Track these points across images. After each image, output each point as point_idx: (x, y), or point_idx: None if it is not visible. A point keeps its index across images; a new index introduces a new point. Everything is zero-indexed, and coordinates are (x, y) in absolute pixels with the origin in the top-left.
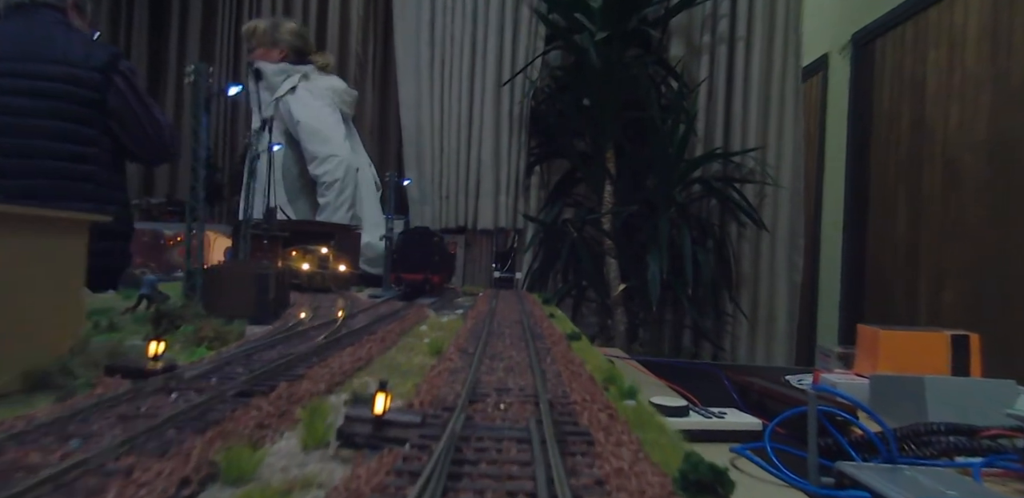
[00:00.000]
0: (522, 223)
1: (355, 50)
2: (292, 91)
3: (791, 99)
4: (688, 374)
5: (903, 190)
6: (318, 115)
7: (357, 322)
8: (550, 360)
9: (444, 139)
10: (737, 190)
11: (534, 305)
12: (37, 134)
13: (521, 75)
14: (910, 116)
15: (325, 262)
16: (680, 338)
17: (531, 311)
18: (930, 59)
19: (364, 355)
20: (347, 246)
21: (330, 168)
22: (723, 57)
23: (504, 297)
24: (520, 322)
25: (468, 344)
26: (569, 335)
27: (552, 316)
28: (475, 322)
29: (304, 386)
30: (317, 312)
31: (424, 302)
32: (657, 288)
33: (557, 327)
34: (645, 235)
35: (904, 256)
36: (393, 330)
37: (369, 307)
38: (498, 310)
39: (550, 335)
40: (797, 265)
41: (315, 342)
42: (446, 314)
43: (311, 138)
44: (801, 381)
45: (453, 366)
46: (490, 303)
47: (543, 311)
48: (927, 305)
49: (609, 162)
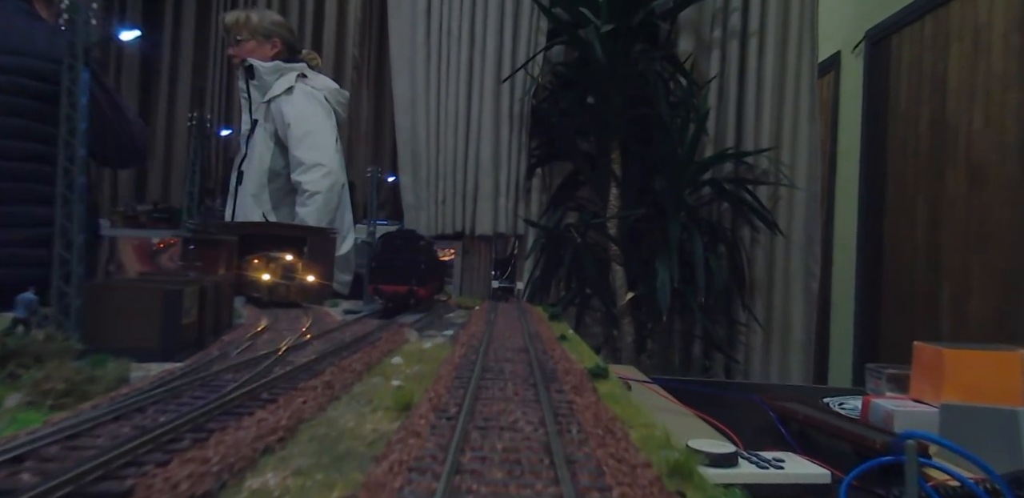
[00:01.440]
0: (523, 228)
1: (352, 53)
2: (288, 92)
3: (806, 97)
4: (716, 399)
5: (923, 194)
6: (312, 120)
7: (305, 353)
8: (576, 430)
9: (440, 140)
10: (750, 192)
11: (540, 323)
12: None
13: (522, 71)
14: (930, 116)
15: (291, 271)
16: (690, 349)
17: (537, 332)
18: (952, 55)
19: (284, 422)
20: (320, 252)
21: (314, 178)
22: (735, 53)
23: (504, 312)
24: (524, 350)
25: (450, 395)
26: (592, 372)
27: (563, 338)
28: (466, 350)
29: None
30: (261, 338)
31: (407, 320)
32: (667, 297)
33: (573, 357)
34: (653, 240)
35: (924, 264)
36: (352, 366)
37: (336, 328)
38: (496, 331)
39: (566, 373)
40: (813, 272)
41: (217, 396)
42: (431, 337)
43: (299, 143)
44: (842, 405)
45: (417, 451)
46: (487, 320)
47: (551, 331)
48: (951, 317)
49: (615, 163)
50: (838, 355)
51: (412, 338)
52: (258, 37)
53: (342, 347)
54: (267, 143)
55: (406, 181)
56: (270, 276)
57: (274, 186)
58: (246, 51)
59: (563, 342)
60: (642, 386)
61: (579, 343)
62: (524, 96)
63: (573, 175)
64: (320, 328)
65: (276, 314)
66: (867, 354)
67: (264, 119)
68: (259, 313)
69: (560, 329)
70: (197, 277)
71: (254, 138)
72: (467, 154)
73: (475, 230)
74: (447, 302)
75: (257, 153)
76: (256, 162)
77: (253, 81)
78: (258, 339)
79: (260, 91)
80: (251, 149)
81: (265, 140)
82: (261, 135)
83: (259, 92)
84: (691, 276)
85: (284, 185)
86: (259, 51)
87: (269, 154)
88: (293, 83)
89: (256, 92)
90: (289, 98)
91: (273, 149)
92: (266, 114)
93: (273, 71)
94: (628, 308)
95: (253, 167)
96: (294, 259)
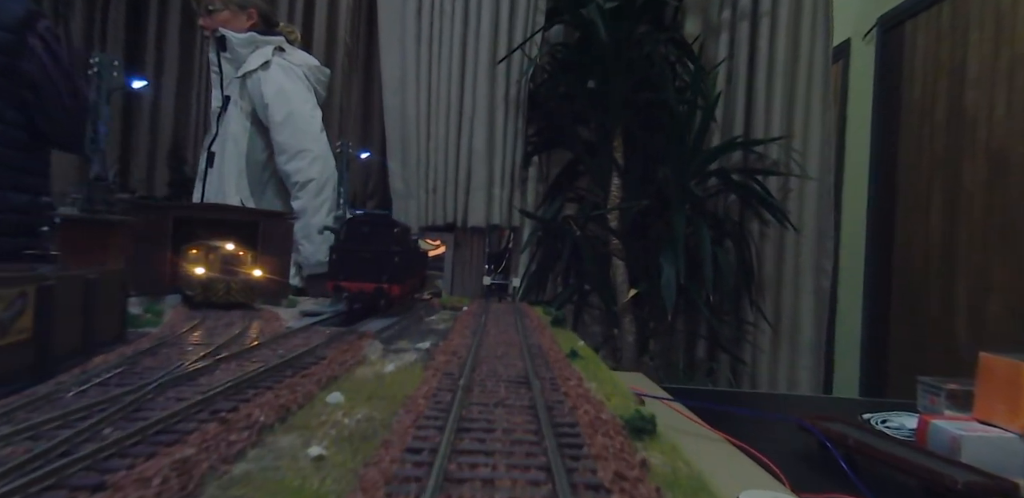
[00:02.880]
0: (518, 220)
1: (343, 39)
2: (265, 66)
3: (819, 82)
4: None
5: (939, 187)
6: (293, 99)
7: (195, 387)
8: None
9: (431, 124)
10: (760, 183)
11: (540, 331)
12: None
13: (519, 52)
14: (947, 105)
15: (233, 264)
16: (694, 349)
17: (539, 345)
18: (972, 41)
19: None
20: (275, 241)
21: (303, 165)
22: (744, 35)
23: (496, 315)
24: (524, 382)
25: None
26: (632, 425)
27: (575, 355)
28: (441, 380)
29: None
30: (146, 360)
31: (373, 327)
32: (673, 294)
33: (597, 396)
34: (657, 234)
35: (939, 262)
36: (255, 414)
37: (269, 341)
38: (486, 343)
39: (594, 429)
40: (825, 269)
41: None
42: (398, 353)
43: (282, 127)
44: (887, 424)
45: None
46: (475, 328)
47: (556, 345)
48: (968, 319)
49: (617, 151)
50: (843, 357)
51: (373, 355)
52: (232, 7)
53: (262, 373)
54: (242, 123)
55: (394, 167)
56: (204, 270)
57: (253, 171)
58: (219, 21)
59: (575, 361)
60: (659, 403)
61: (596, 364)
62: (521, 79)
63: (572, 164)
64: (245, 341)
65: (204, 319)
66: (875, 357)
67: (239, 96)
68: (184, 318)
69: (567, 340)
70: (42, 272)
71: (227, 117)
72: (460, 140)
73: (468, 221)
74: (430, 302)
75: (231, 134)
76: (231, 144)
77: (225, 53)
78: (140, 362)
79: (233, 65)
80: (223, 128)
81: (240, 119)
82: (235, 114)
83: (231, 66)
84: (697, 272)
85: (264, 170)
86: (233, 22)
87: (245, 136)
88: (270, 57)
89: (228, 65)
90: (266, 74)
91: (250, 130)
92: (240, 90)
93: (247, 43)
94: (630, 306)
95: (227, 150)
96: (238, 249)
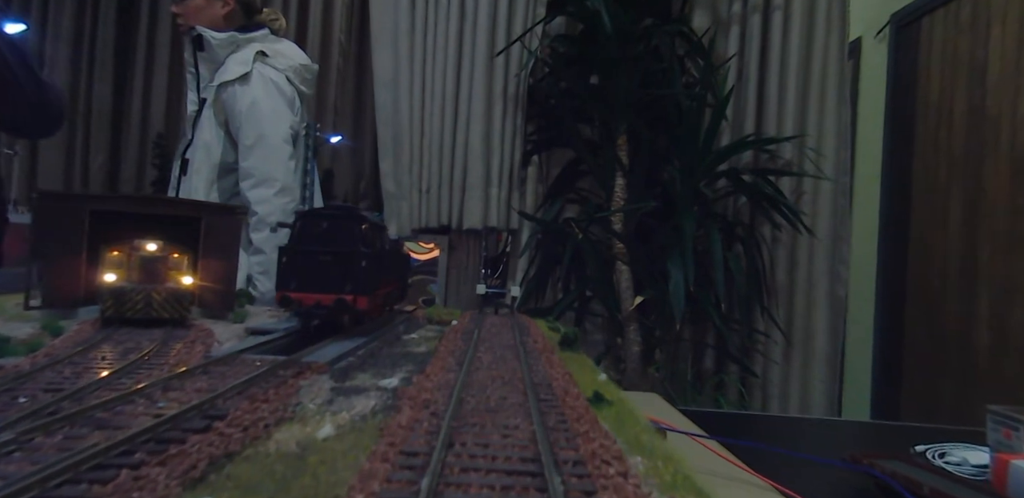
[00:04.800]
0: (516, 222)
1: (338, 39)
2: (244, 80)
3: (835, 78)
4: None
5: (957, 189)
6: (266, 121)
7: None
8: None
9: (425, 121)
10: (772, 184)
11: (547, 358)
12: None
13: (518, 45)
14: (967, 104)
15: (156, 270)
16: (702, 360)
17: (548, 383)
18: (993, 38)
19: None
20: (220, 242)
21: (267, 195)
22: (756, 29)
23: (492, 332)
24: (532, 465)
25: None
26: None
27: (599, 400)
28: (394, 466)
29: None
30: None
31: (327, 354)
32: (682, 301)
33: (639, 482)
34: (664, 237)
35: (958, 269)
36: None
37: (165, 380)
38: (475, 380)
39: None
40: (841, 275)
41: None
42: (351, 398)
43: (250, 151)
44: (945, 458)
45: None
46: (462, 356)
47: (572, 381)
48: (991, 329)
49: (621, 150)
50: (853, 367)
51: (311, 402)
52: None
53: (90, 457)
54: (215, 131)
55: (386, 167)
56: (117, 277)
57: (225, 183)
58: (192, 8)
59: (599, 408)
60: (689, 440)
61: (632, 416)
62: (520, 73)
63: (574, 163)
64: (124, 383)
65: (98, 343)
66: (888, 367)
67: (214, 101)
68: (74, 342)
69: (582, 369)
70: None
71: (201, 122)
72: (455, 138)
73: (463, 224)
74: (413, 314)
75: (204, 141)
76: (202, 152)
77: (202, 53)
78: None
79: (210, 67)
80: (198, 135)
81: (214, 127)
82: (209, 120)
83: (208, 68)
84: (705, 278)
85: (236, 183)
86: (208, 9)
87: (219, 145)
88: (250, 66)
89: (205, 67)
90: (243, 89)
91: (223, 139)
92: (215, 98)
93: (227, 43)
94: (635, 314)
95: (199, 158)
96: (165, 249)
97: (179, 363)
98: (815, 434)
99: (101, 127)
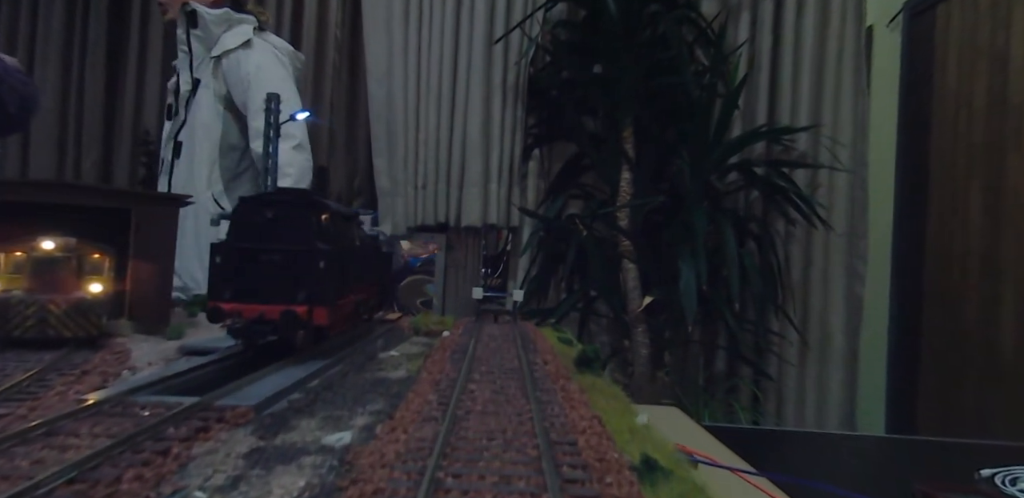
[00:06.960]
0: (517, 219)
1: (334, 33)
2: (246, 45)
3: (851, 66)
4: None
5: (977, 183)
6: (276, 80)
7: None
8: None
9: (421, 113)
10: (787, 177)
11: (563, 387)
12: None
13: (517, 32)
14: (987, 93)
15: (56, 274)
16: (713, 362)
17: (569, 436)
18: (1016, 21)
19: None
20: (151, 239)
21: (284, 148)
22: (768, 14)
23: (491, 347)
24: None
25: None
26: None
27: (652, 470)
28: None
29: None
30: None
31: (265, 388)
32: (694, 301)
33: None
34: (673, 234)
35: (979, 266)
36: None
37: None
38: (468, 429)
39: None
40: (858, 272)
41: None
42: (266, 476)
43: (261, 112)
44: (1018, 486)
45: None
46: (455, 379)
47: (604, 429)
48: (1016, 331)
49: (627, 143)
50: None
51: (203, 485)
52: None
53: None
54: (215, 108)
55: (380, 163)
56: (3, 285)
57: (227, 162)
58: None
59: (653, 484)
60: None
61: (687, 489)
62: (520, 62)
63: (577, 157)
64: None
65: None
66: (904, 370)
67: (211, 78)
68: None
69: (614, 410)
70: None
71: (196, 102)
72: (452, 131)
73: (461, 221)
74: (397, 323)
75: (201, 121)
76: (201, 132)
77: (195, 31)
78: None
79: (204, 44)
80: (192, 115)
81: (212, 104)
82: (207, 98)
83: (203, 45)
84: (717, 276)
85: (242, 160)
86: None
87: (219, 122)
88: (251, 36)
89: (199, 44)
90: (246, 53)
91: (224, 116)
92: (214, 71)
93: (221, 20)
94: (643, 314)
95: (197, 138)
96: (69, 249)
97: (36, 409)
98: (861, 455)
99: (93, 126)
